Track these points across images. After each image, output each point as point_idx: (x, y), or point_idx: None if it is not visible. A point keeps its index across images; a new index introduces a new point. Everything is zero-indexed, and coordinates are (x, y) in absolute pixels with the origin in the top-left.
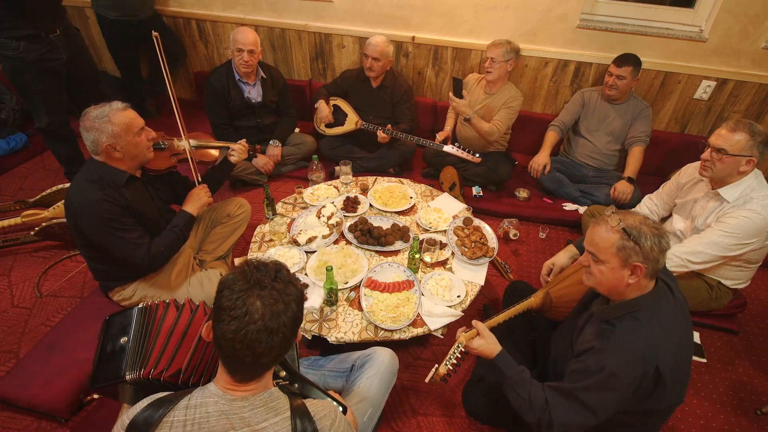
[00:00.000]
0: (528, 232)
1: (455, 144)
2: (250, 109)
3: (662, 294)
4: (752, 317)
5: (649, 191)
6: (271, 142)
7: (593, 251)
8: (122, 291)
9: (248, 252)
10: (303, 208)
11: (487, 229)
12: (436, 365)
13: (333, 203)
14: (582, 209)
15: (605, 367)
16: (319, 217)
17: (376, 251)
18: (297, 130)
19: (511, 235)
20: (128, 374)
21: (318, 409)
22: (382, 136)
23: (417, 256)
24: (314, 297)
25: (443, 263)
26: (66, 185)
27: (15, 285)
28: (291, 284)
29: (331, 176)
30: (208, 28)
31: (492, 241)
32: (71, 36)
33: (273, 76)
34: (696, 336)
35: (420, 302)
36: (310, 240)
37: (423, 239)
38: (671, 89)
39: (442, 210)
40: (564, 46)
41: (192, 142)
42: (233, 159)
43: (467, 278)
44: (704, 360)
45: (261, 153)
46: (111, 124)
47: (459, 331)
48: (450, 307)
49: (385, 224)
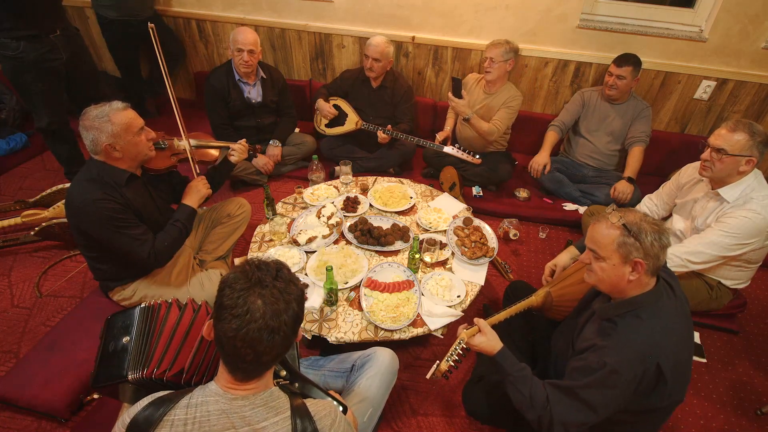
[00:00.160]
0: (528, 232)
1: (455, 145)
2: (250, 109)
3: (663, 292)
4: (752, 317)
5: (649, 191)
6: (271, 142)
7: (594, 248)
8: (122, 291)
9: (248, 252)
10: (303, 208)
11: (487, 229)
12: (438, 361)
13: (333, 203)
14: (582, 209)
15: (606, 365)
16: (319, 217)
17: (376, 251)
18: (297, 130)
19: (511, 235)
20: (131, 374)
21: (318, 409)
22: (382, 137)
23: (417, 256)
24: (314, 297)
25: (443, 263)
26: (66, 185)
27: (15, 285)
28: (292, 283)
29: (331, 176)
30: (208, 28)
31: (492, 241)
32: (71, 36)
33: (273, 76)
34: (696, 336)
35: (420, 302)
36: (310, 240)
37: (423, 239)
38: (671, 89)
39: (442, 210)
40: (564, 46)
41: (192, 142)
42: (233, 159)
43: (467, 278)
44: (704, 360)
45: (261, 153)
46: (110, 124)
47: (460, 328)
48: (450, 307)
49: (385, 224)
